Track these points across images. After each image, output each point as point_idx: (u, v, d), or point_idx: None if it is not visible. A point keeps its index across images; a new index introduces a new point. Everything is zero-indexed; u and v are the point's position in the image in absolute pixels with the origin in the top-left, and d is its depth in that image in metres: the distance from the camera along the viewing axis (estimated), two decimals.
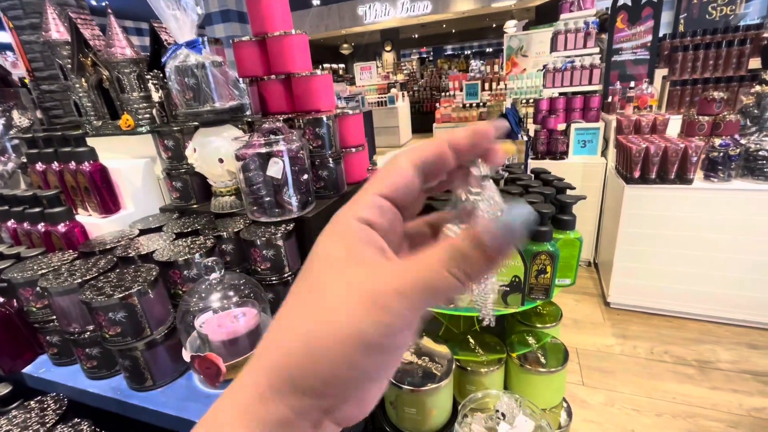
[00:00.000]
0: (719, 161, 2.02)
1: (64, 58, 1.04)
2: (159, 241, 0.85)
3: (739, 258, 2.12)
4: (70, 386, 0.75)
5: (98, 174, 0.94)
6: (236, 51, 1.06)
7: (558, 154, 2.90)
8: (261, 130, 0.87)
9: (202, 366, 0.67)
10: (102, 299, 0.62)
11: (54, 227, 0.88)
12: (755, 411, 1.74)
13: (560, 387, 0.78)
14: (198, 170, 0.94)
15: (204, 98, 0.87)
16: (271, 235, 0.82)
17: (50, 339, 0.78)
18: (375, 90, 8.67)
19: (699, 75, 2.62)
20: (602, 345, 2.23)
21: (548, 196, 0.86)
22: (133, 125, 1.02)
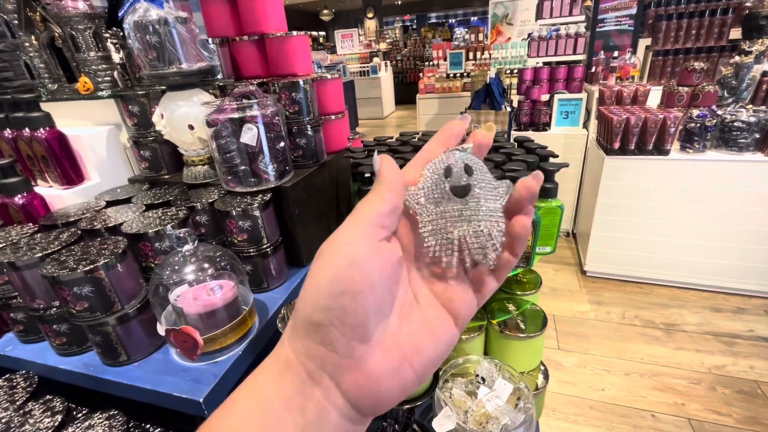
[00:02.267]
0: (696, 132, 2.06)
1: (9, 13, 0.94)
2: (128, 212, 0.80)
3: (708, 227, 2.20)
4: (39, 363, 0.72)
5: (56, 141, 0.87)
6: (204, 8, 0.98)
7: (541, 126, 2.90)
8: (233, 95, 0.81)
9: (178, 339, 0.65)
10: (65, 273, 0.58)
11: (10, 199, 0.82)
12: (715, 368, 1.87)
13: (538, 351, 0.80)
14: (167, 138, 0.88)
15: (169, 58, 0.81)
16: (248, 206, 0.78)
17: (14, 316, 0.74)
18: (357, 59, 8.38)
19: (681, 45, 2.63)
20: (578, 311, 2.33)
21: (531, 164, 0.85)
22: (92, 89, 0.94)
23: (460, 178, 0.25)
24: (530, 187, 0.25)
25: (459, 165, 0.25)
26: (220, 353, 0.68)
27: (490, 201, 0.25)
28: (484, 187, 0.25)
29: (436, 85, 5.20)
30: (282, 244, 0.88)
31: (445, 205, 0.25)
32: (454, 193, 0.25)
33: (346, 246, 0.23)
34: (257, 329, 0.74)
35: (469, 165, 0.25)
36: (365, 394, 0.23)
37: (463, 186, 0.25)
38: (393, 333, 0.24)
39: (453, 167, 0.25)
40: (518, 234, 0.25)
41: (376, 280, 0.23)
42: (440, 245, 0.25)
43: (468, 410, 0.64)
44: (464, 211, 0.25)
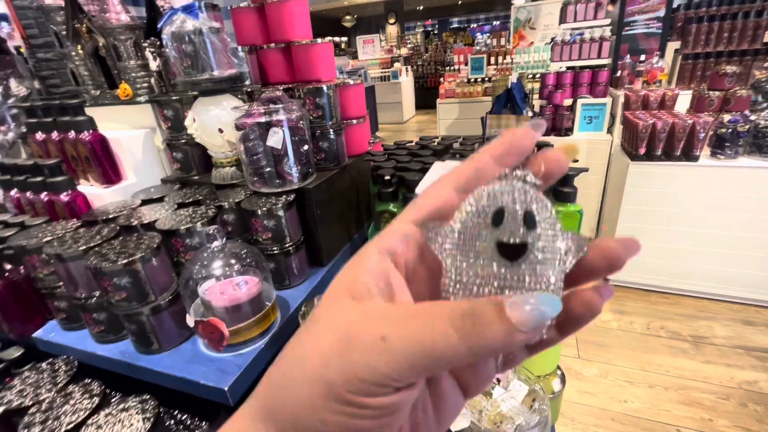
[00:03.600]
0: (727, 138, 1.99)
1: (59, 24, 1.01)
2: (161, 210, 0.85)
3: (739, 236, 2.12)
4: (79, 350, 0.77)
5: (98, 144, 0.94)
6: (234, 18, 1.03)
7: (563, 131, 2.86)
8: (260, 100, 0.85)
9: (206, 331, 0.69)
10: (107, 265, 0.63)
11: (56, 196, 0.88)
12: (746, 384, 1.79)
13: (555, 355, 0.80)
14: (198, 140, 0.93)
15: (202, 66, 0.86)
16: (272, 205, 0.82)
17: (58, 305, 0.80)
18: (378, 64, 8.47)
19: (712, 48, 2.54)
20: (599, 320, 2.27)
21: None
22: (131, 94, 1.01)
23: (516, 234, 0.18)
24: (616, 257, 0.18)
25: (517, 210, 0.18)
26: (244, 345, 0.72)
27: (549, 266, 0.18)
28: (545, 249, 0.18)
29: (457, 90, 5.20)
30: (304, 243, 0.92)
31: (483, 265, 0.18)
32: (502, 252, 0.18)
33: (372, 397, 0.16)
34: (279, 324, 0.77)
35: (532, 213, 0.18)
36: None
37: (519, 246, 0.18)
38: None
39: (508, 213, 0.18)
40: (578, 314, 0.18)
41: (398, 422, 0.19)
42: None
43: (482, 410, 0.65)
44: (510, 280, 0.18)
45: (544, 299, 0.15)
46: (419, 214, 0.21)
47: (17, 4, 1.06)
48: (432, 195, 0.21)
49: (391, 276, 0.20)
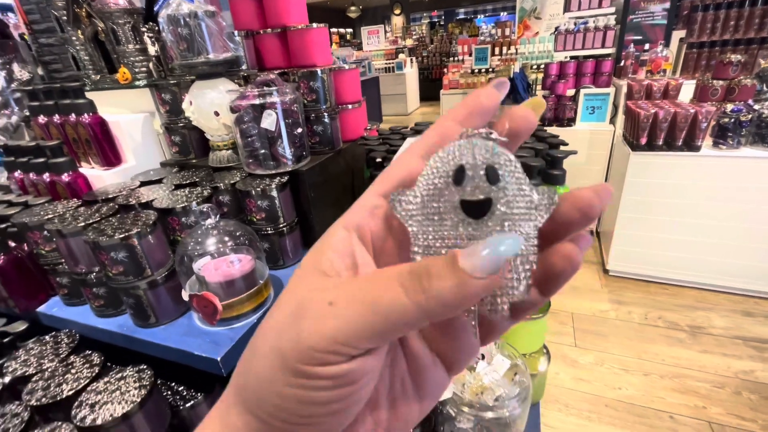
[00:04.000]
0: (729, 127, 1.97)
1: (59, 9, 1.03)
2: (159, 191, 0.88)
3: (741, 227, 2.11)
4: (81, 323, 0.81)
5: (98, 126, 0.96)
6: (231, 3, 1.05)
7: (565, 121, 2.84)
8: (255, 83, 0.87)
9: (200, 305, 0.71)
10: (104, 239, 0.66)
11: (58, 177, 0.91)
12: (743, 373, 1.80)
13: (540, 334, 0.82)
14: (195, 123, 0.95)
15: (198, 49, 0.87)
16: (266, 186, 0.84)
17: (60, 280, 0.83)
18: (382, 55, 8.42)
19: (718, 37, 2.50)
20: (597, 310, 2.28)
21: (540, 151, 0.86)
22: (130, 79, 1.03)
23: (478, 189, 0.17)
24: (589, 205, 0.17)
25: (479, 165, 0.17)
26: (237, 320, 0.74)
27: (519, 223, 0.17)
28: (511, 203, 0.17)
29: (461, 81, 5.17)
30: (298, 225, 0.94)
31: (449, 225, 0.18)
32: (466, 210, 0.17)
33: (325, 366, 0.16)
34: (272, 300, 0.80)
35: (494, 167, 0.17)
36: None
37: (481, 201, 0.17)
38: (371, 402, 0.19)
39: (469, 169, 0.17)
40: (558, 269, 0.17)
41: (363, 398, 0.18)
42: None
43: (465, 383, 0.67)
44: (476, 236, 0.17)
45: (499, 239, 0.15)
46: (386, 186, 0.20)
47: None
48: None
49: (356, 251, 0.19)
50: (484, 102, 0.19)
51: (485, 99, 0.19)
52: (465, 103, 0.20)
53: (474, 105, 0.19)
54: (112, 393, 0.66)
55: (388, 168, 0.21)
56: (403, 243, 0.20)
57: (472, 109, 0.20)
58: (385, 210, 0.20)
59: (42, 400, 0.66)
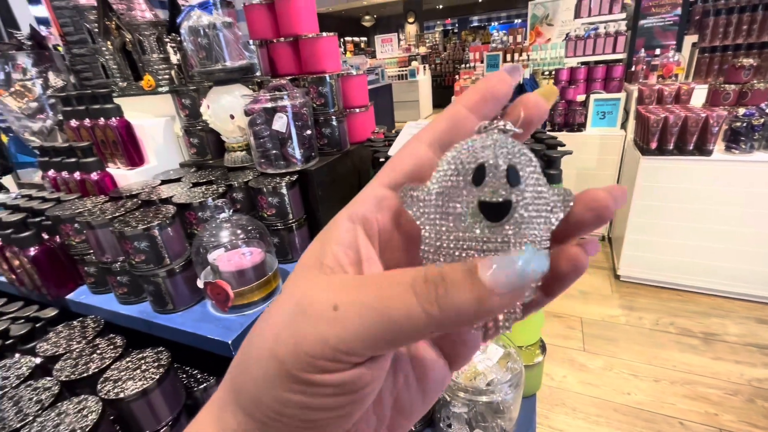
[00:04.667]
0: (742, 132, 1.96)
1: (91, 22, 1.13)
2: (178, 188, 0.94)
3: (755, 232, 2.07)
4: (106, 309, 0.87)
5: (124, 129, 1.04)
6: (247, 14, 1.12)
7: (576, 126, 2.85)
8: (267, 88, 0.93)
9: (214, 292, 0.77)
10: (129, 230, 0.72)
11: (88, 176, 0.99)
12: (756, 381, 1.76)
13: (536, 327, 0.84)
14: (212, 126, 1.02)
15: (216, 57, 0.94)
16: (277, 184, 0.90)
17: (88, 270, 0.90)
18: (395, 63, 8.53)
19: (731, 41, 2.48)
20: (607, 315, 2.26)
21: (537, 152, 0.90)
22: (154, 85, 1.10)
23: (499, 190, 0.16)
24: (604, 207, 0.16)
25: (500, 165, 0.16)
26: (248, 308, 0.79)
27: (534, 224, 0.17)
28: (530, 206, 0.16)
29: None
30: (306, 221, 0.99)
31: (464, 227, 0.17)
32: (484, 212, 0.16)
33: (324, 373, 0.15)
34: (280, 291, 0.85)
35: (515, 168, 0.16)
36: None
37: (502, 204, 0.16)
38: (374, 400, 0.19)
39: (490, 169, 0.16)
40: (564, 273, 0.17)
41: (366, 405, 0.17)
42: None
43: (460, 370, 0.71)
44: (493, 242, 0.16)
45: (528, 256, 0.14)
46: (393, 176, 0.19)
47: (55, 4, 1.18)
48: (406, 154, 0.19)
49: (360, 245, 0.18)
50: (498, 87, 0.18)
51: (498, 83, 0.18)
52: (477, 88, 0.18)
53: (486, 90, 0.18)
54: (133, 371, 0.72)
55: (395, 157, 0.19)
56: (412, 238, 0.19)
57: (484, 94, 0.18)
58: (394, 203, 0.19)
59: (71, 377, 0.72)
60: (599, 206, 0.16)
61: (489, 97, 0.18)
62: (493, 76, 0.18)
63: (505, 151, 0.16)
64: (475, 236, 0.16)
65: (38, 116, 1.18)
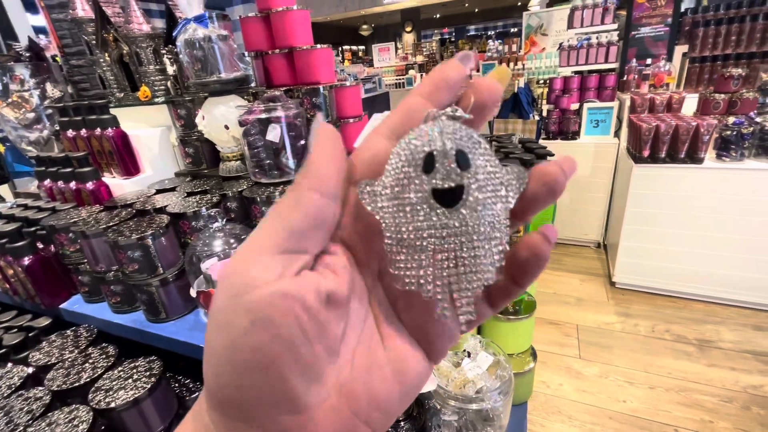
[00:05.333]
0: (732, 140, 1.99)
1: (90, 35, 1.14)
2: (172, 198, 0.95)
3: (748, 239, 2.09)
4: (99, 318, 0.88)
5: (120, 139, 1.05)
6: (243, 26, 1.14)
7: (569, 134, 2.88)
8: (262, 99, 0.95)
9: (207, 300, 0.77)
10: (122, 239, 0.73)
11: (83, 185, 1.00)
12: (751, 388, 1.76)
13: (527, 335, 0.85)
14: (207, 136, 1.04)
15: (211, 69, 0.96)
16: (270, 194, 0.91)
17: (82, 279, 0.90)
18: (393, 71, 8.60)
19: (720, 51, 2.53)
20: (603, 322, 2.27)
21: (527, 161, 0.91)
22: (150, 96, 1.12)
23: (450, 176, 0.17)
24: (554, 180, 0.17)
25: (448, 151, 0.17)
26: None
27: (490, 205, 0.17)
28: (483, 187, 0.17)
29: None
30: None
31: (422, 216, 0.17)
32: (438, 199, 0.17)
33: (244, 293, 0.16)
34: None
35: (464, 152, 0.17)
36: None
37: (453, 189, 0.17)
38: (341, 385, 0.18)
39: (438, 156, 0.17)
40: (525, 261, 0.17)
41: (296, 337, 0.16)
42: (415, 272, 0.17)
43: (450, 378, 0.71)
44: (452, 227, 0.17)
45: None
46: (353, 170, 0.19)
47: (54, 16, 1.20)
48: (364, 148, 0.19)
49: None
50: (450, 74, 0.18)
51: (451, 71, 0.18)
52: (430, 78, 0.19)
53: (439, 78, 0.19)
54: (125, 380, 0.72)
55: (355, 152, 0.20)
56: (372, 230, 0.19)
57: (437, 83, 0.19)
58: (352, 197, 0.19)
59: (62, 386, 0.72)
60: (550, 180, 0.17)
61: (442, 84, 0.19)
62: (444, 65, 0.19)
63: (452, 137, 0.17)
64: (432, 224, 0.17)
65: (35, 126, 1.20)
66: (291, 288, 0.16)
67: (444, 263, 0.17)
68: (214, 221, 0.80)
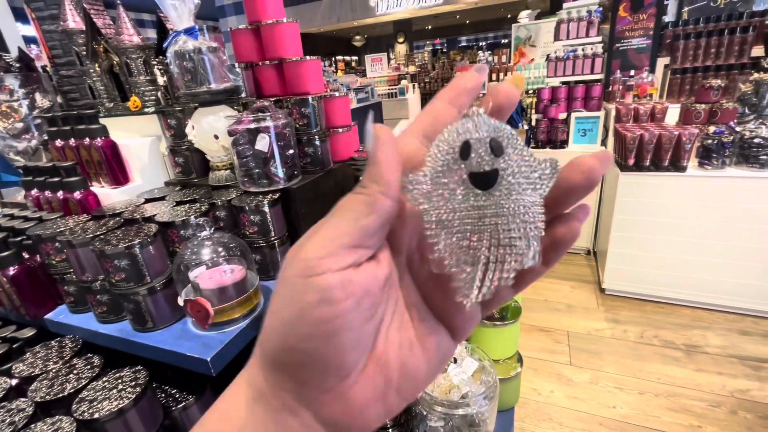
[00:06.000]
0: (713, 149, 2.04)
1: (80, 46, 1.15)
2: (161, 207, 0.96)
3: (732, 245, 2.14)
4: (84, 328, 0.87)
5: (109, 149, 1.05)
6: (233, 38, 1.16)
7: (558, 143, 2.93)
8: (251, 109, 0.96)
9: (194, 309, 0.78)
10: (109, 248, 0.73)
11: (71, 194, 0.99)
12: (738, 392, 1.79)
13: (513, 340, 0.86)
14: (197, 146, 1.04)
15: (201, 80, 0.97)
16: (259, 202, 0.92)
17: (68, 289, 0.90)
18: (386, 81, 8.70)
19: (700, 63, 2.61)
20: (593, 329, 2.29)
21: None
22: (140, 106, 1.13)
23: (485, 162, 0.18)
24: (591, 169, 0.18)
25: (483, 140, 0.18)
26: (228, 325, 0.80)
27: (525, 192, 0.18)
28: (516, 173, 0.18)
29: None
30: (289, 239, 1.01)
31: (460, 200, 0.19)
32: (475, 183, 0.18)
33: (316, 275, 0.18)
34: (261, 307, 0.86)
35: (497, 140, 0.18)
36: (346, 423, 0.21)
37: (489, 173, 0.18)
38: (377, 358, 0.21)
39: (474, 144, 0.18)
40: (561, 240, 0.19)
41: (354, 317, 0.19)
42: (455, 256, 0.19)
43: (436, 383, 0.72)
44: (488, 209, 0.18)
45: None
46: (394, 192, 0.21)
47: (45, 28, 1.20)
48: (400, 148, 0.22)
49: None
50: (469, 83, 0.22)
51: (469, 81, 0.22)
52: (452, 86, 0.22)
53: (460, 86, 0.22)
54: (109, 391, 0.72)
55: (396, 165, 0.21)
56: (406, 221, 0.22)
57: (459, 90, 0.22)
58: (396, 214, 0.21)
59: (45, 397, 0.71)
60: (587, 168, 0.18)
61: (462, 91, 0.22)
62: (464, 74, 0.22)
63: (487, 127, 0.19)
64: (469, 206, 0.19)
65: (23, 136, 1.19)
66: (355, 277, 0.19)
67: (480, 244, 0.19)
68: (202, 230, 0.80)
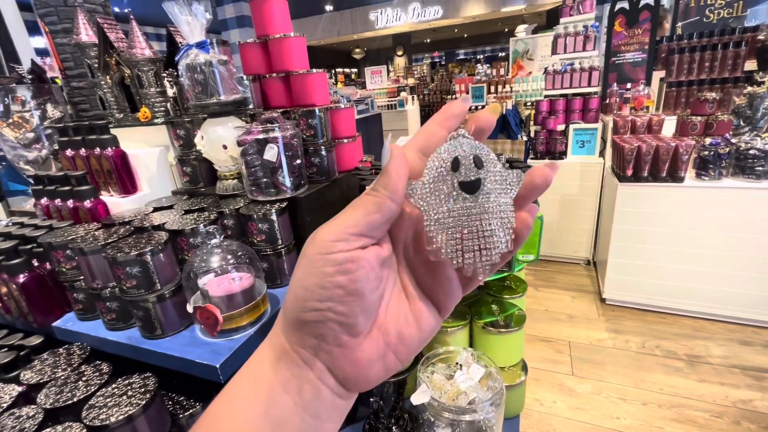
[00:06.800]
0: (710, 160, 2.08)
1: (92, 58, 1.18)
2: (170, 215, 0.97)
3: (731, 255, 2.16)
4: (92, 336, 0.87)
5: (119, 159, 1.07)
6: (242, 51, 1.19)
7: (557, 154, 2.97)
8: (260, 120, 0.99)
9: (203, 316, 0.78)
10: (121, 255, 0.74)
11: (81, 203, 1.01)
12: (741, 403, 1.78)
13: (518, 347, 0.87)
14: (205, 156, 1.06)
15: (211, 92, 1.00)
16: (266, 211, 0.93)
17: (77, 296, 0.90)
18: (385, 93, 8.80)
19: (695, 76, 2.67)
20: (595, 339, 2.29)
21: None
22: (150, 117, 1.15)
23: (470, 173, 0.24)
24: (545, 176, 0.24)
25: (468, 156, 0.24)
26: (236, 332, 0.81)
27: (500, 196, 0.24)
28: (495, 180, 0.24)
29: None
30: (295, 247, 1.02)
31: (452, 202, 0.24)
32: (463, 189, 0.24)
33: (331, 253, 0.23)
34: (269, 315, 0.87)
35: (479, 156, 0.24)
36: (353, 377, 0.26)
37: (474, 181, 0.24)
38: (379, 324, 0.26)
39: (462, 159, 0.24)
40: (521, 231, 0.25)
41: (364, 285, 0.24)
42: (449, 246, 0.25)
43: (444, 390, 0.73)
44: (473, 209, 0.24)
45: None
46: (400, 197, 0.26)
47: (58, 41, 1.24)
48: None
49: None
50: (456, 110, 0.27)
51: (456, 108, 0.28)
52: (442, 111, 0.28)
53: (450, 112, 0.28)
54: (119, 397, 0.72)
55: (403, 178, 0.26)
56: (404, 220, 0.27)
57: (448, 115, 0.28)
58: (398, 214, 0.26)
59: (55, 404, 0.72)
60: (546, 174, 0.25)
61: (450, 115, 0.27)
62: (452, 103, 0.28)
63: (470, 147, 0.24)
64: (459, 207, 0.24)
65: (34, 146, 1.21)
66: (362, 254, 0.24)
67: (469, 236, 0.24)
68: (212, 237, 0.81)
